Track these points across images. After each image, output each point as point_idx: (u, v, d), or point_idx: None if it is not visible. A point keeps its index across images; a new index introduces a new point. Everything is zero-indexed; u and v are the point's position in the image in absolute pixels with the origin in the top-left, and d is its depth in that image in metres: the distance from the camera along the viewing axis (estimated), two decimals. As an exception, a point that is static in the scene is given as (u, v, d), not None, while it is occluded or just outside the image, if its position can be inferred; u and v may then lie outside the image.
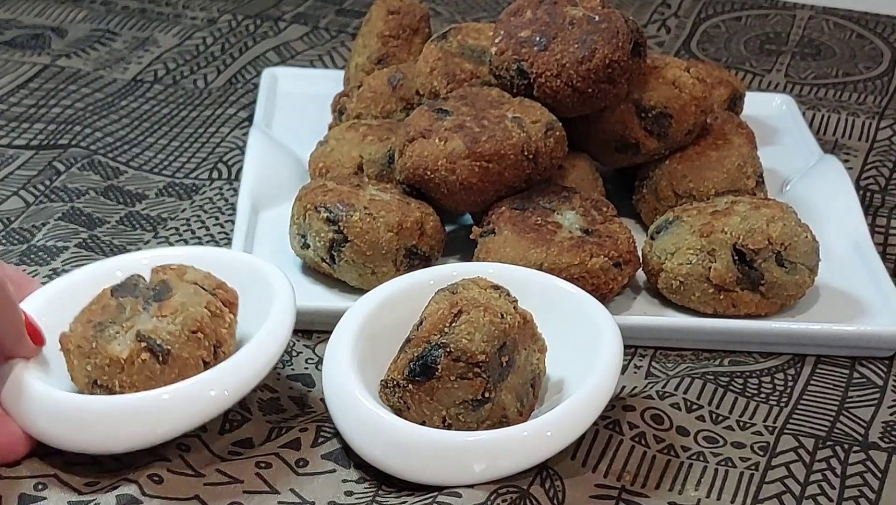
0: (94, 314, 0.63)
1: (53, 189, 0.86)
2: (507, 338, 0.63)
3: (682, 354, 0.74)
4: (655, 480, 0.64)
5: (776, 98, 1.00)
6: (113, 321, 0.62)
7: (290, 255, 0.78)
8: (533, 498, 0.61)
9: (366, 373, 0.64)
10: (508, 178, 0.76)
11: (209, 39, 1.11)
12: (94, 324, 0.62)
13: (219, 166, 0.91)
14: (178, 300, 0.62)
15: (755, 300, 0.74)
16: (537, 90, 0.79)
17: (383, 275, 0.74)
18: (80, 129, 0.94)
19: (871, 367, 0.73)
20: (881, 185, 0.92)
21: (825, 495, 0.63)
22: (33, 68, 1.04)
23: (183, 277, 0.64)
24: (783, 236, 0.73)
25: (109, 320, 0.63)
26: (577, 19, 0.79)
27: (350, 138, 0.83)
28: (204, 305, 0.62)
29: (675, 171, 0.81)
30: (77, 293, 0.66)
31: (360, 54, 0.94)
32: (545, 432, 0.62)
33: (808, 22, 1.18)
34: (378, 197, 0.76)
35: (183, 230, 0.83)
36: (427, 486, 0.61)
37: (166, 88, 1.02)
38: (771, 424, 0.68)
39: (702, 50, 1.13)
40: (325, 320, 0.71)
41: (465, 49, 0.84)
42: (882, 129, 1.00)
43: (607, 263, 0.73)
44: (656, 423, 0.67)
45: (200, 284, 0.63)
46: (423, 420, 0.63)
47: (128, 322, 0.62)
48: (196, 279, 0.64)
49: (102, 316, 0.63)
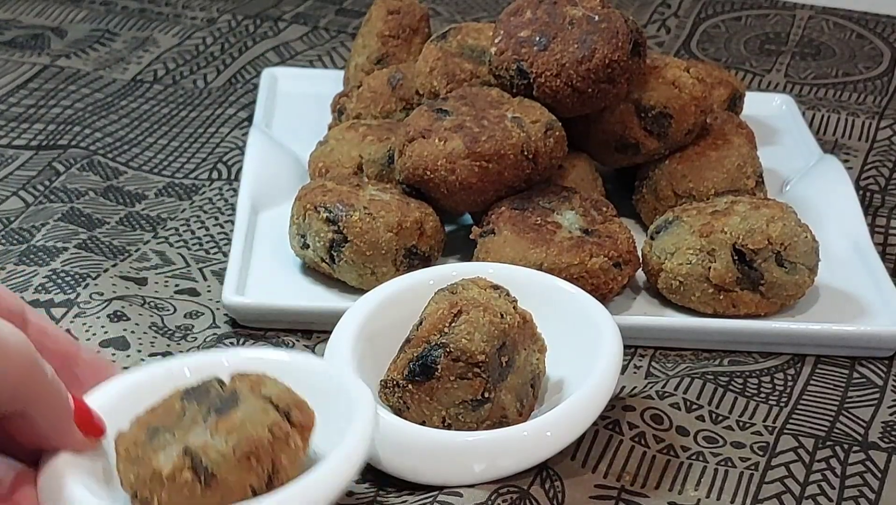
0: (154, 416, 0.56)
1: (53, 189, 0.86)
2: (507, 338, 0.63)
3: (681, 354, 0.74)
4: (655, 480, 0.64)
5: (776, 98, 1.00)
6: (169, 428, 0.55)
7: (290, 255, 0.78)
8: (533, 498, 0.61)
9: (365, 373, 0.64)
10: (508, 178, 0.76)
11: (209, 39, 1.11)
12: (150, 428, 0.56)
13: (218, 166, 0.91)
14: (240, 417, 0.54)
15: (755, 300, 0.74)
16: (537, 90, 0.79)
17: (383, 275, 0.74)
18: (80, 129, 0.94)
19: (871, 367, 0.73)
20: (881, 185, 0.92)
21: (825, 495, 0.63)
22: (33, 68, 1.04)
23: (257, 390, 0.56)
24: (783, 236, 0.73)
25: (166, 427, 0.55)
26: (577, 19, 0.79)
27: (350, 138, 0.83)
28: (267, 426, 0.54)
29: (674, 171, 0.81)
30: (157, 387, 0.59)
31: (360, 54, 0.94)
32: (545, 432, 0.62)
33: (808, 22, 1.18)
34: (378, 197, 0.76)
35: (183, 230, 0.83)
36: (427, 486, 0.61)
37: (166, 88, 1.02)
38: (771, 424, 0.68)
39: (702, 50, 1.13)
40: (325, 320, 0.71)
41: (465, 49, 0.84)
42: (882, 129, 1.00)
43: (607, 262, 0.73)
44: (656, 423, 0.67)
45: (274, 401, 0.55)
46: (422, 420, 0.63)
47: (182, 432, 0.55)
48: (272, 394, 0.56)
49: (162, 420, 0.56)
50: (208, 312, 0.75)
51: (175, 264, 0.80)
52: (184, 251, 0.81)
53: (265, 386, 0.56)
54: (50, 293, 0.75)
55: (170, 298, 0.76)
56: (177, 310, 0.75)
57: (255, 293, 0.75)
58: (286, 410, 0.55)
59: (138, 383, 0.60)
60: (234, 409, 0.55)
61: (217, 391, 0.56)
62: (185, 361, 0.61)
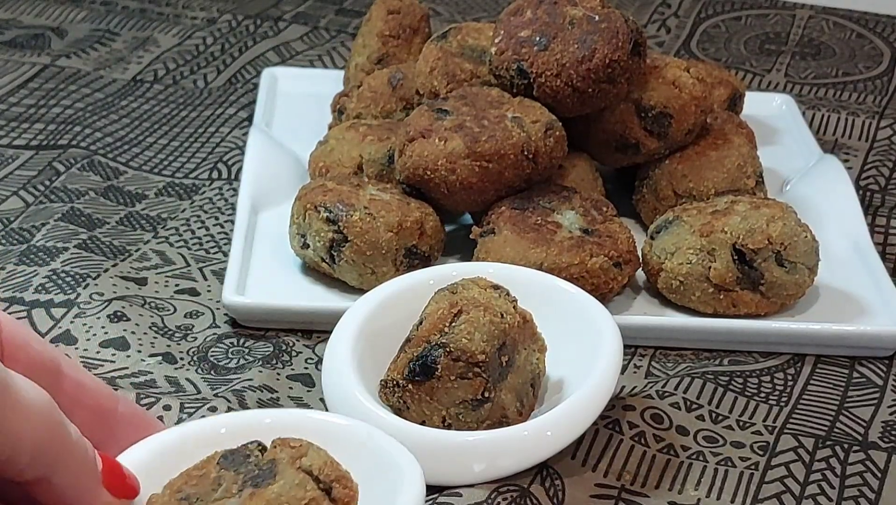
0: (189, 481, 0.53)
1: (53, 189, 0.86)
2: (507, 337, 0.63)
3: (681, 354, 0.74)
4: (655, 479, 0.64)
5: (776, 98, 1.00)
6: (201, 497, 0.52)
7: (290, 255, 0.78)
8: (533, 497, 0.61)
9: (365, 373, 0.64)
10: (508, 177, 0.76)
11: (209, 39, 1.11)
12: (183, 495, 0.52)
13: (218, 166, 0.91)
14: (276, 492, 0.50)
15: (755, 300, 0.74)
16: (537, 90, 0.79)
17: (383, 275, 0.74)
18: (80, 129, 0.94)
19: (871, 366, 0.73)
20: (881, 184, 0.92)
21: (825, 495, 0.63)
22: (33, 68, 1.04)
23: (298, 461, 0.52)
24: (783, 236, 0.73)
25: (198, 495, 0.52)
26: (577, 19, 0.79)
27: (350, 138, 0.83)
28: (304, 503, 0.50)
29: (674, 171, 0.81)
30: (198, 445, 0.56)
31: (360, 54, 0.94)
32: (545, 432, 0.62)
33: (808, 22, 1.18)
34: (378, 197, 0.76)
35: (183, 230, 0.83)
36: (427, 486, 0.61)
37: (166, 88, 1.02)
38: (771, 424, 0.68)
39: (702, 50, 1.13)
40: (324, 320, 0.71)
41: (465, 49, 0.84)
42: (882, 129, 1.00)
43: (607, 262, 0.73)
44: (656, 422, 0.67)
45: (315, 474, 0.51)
46: (422, 420, 0.63)
47: (215, 503, 0.51)
48: (313, 466, 0.51)
49: (197, 487, 0.52)
50: (208, 312, 0.75)
51: (175, 264, 0.80)
52: (184, 251, 0.81)
53: (307, 456, 0.52)
54: (50, 293, 0.75)
55: (170, 298, 0.76)
56: (177, 310, 0.75)
57: (255, 293, 0.75)
58: (327, 485, 0.51)
59: (179, 440, 0.57)
60: (270, 482, 0.51)
61: (256, 458, 0.53)
62: (227, 420, 0.59)
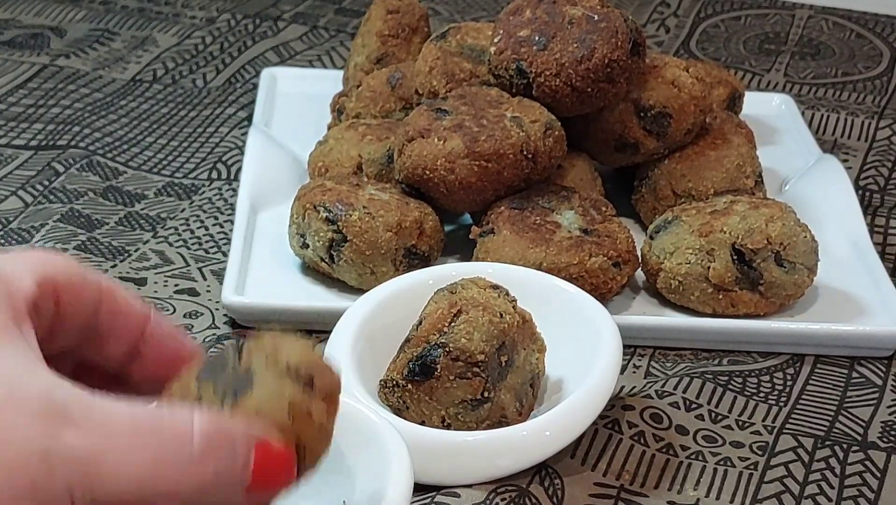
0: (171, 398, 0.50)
1: (52, 189, 0.86)
2: (506, 337, 0.63)
3: (681, 354, 0.74)
4: (654, 479, 0.64)
5: (775, 98, 1.00)
6: None
7: (290, 255, 0.78)
8: (532, 496, 0.61)
9: (365, 373, 0.64)
10: (507, 177, 0.76)
11: (208, 39, 1.11)
12: None
13: (218, 166, 0.91)
14: (255, 402, 0.48)
15: (754, 300, 0.74)
16: (536, 90, 0.79)
17: (382, 275, 0.74)
18: (80, 129, 0.94)
19: (870, 366, 0.73)
20: (880, 184, 0.92)
21: (824, 495, 0.63)
22: (32, 68, 1.04)
23: (273, 360, 0.50)
24: (782, 236, 0.73)
25: None
26: (577, 19, 0.79)
27: (349, 138, 0.83)
28: (285, 407, 0.48)
29: (674, 171, 0.81)
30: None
31: (360, 54, 0.94)
32: (544, 432, 0.62)
33: (808, 21, 1.18)
34: (377, 197, 0.76)
35: (182, 230, 0.83)
36: (426, 485, 0.61)
37: (165, 88, 1.02)
38: (770, 424, 0.68)
39: (701, 49, 1.13)
40: (324, 320, 0.71)
41: (465, 49, 0.84)
42: (881, 129, 1.00)
43: (606, 262, 0.73)
44: (655, 422, 0.67)
45: (293, 367, 0.49)
46: (422, 420, 0.63)
47: None
48: (290, 360, 0.49)
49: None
50: (208, 312, 0.75)
51: (174, 264, 0.80)
52: (183, 251, 0.81)
53: (282, 351, 0.50)
54: (49, 293, 0.75)
55: (169, 298, 0.76)
56: (176, 310, 0.75)
57: (254, 293, 0.75)
58: (307, 378, 0.49)
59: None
60: (248, 392, 0.49)
61: (233, 365, 0.50)
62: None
